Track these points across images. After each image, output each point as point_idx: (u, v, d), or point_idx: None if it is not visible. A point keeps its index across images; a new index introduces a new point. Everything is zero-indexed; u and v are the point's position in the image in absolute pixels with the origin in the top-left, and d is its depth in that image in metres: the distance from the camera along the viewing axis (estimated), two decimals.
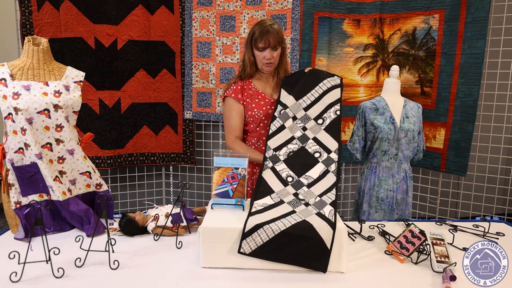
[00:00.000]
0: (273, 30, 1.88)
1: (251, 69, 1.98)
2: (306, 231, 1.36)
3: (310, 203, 1.50)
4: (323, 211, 1.45)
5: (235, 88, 1.98)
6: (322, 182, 1.58)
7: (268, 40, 1.88)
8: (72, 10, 3.02)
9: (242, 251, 1.37)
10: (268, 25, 1.89)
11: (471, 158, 2.99)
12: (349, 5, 3.12)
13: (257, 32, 1.89)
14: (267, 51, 1.91)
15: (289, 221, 1.38)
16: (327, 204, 1.49)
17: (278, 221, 1.39)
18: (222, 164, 1.59)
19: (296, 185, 1.58)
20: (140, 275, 1.35)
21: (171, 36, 3.28)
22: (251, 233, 1.37)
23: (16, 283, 1.28)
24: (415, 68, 3.13)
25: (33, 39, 1.73)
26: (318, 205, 1.49)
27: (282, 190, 1.56)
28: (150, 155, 3.44)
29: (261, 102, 1.97)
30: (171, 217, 1.68)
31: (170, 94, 3.37)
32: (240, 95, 1.96)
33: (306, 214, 1.43)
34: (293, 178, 1.59)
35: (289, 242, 1.35)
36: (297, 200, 1.52)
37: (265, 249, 1.36)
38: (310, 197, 1.52)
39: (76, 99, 1.73)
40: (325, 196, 1.53)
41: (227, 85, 2.04)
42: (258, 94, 1.98)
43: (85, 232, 1.70)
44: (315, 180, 1.58)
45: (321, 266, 1.36)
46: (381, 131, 2.30)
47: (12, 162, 1.65)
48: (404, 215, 2.39)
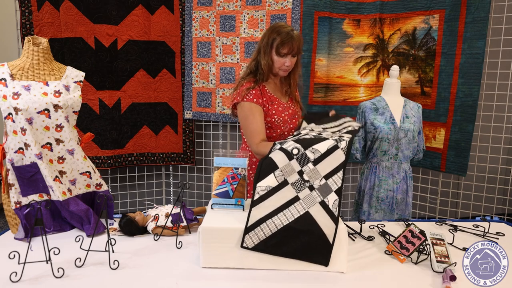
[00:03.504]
0: (297, 36, 1.83)
1: (268, 74, 1.90)
2: (309, 225, 1.37)
3: (314, 186, 1.43)
4: (327, 200, 1.42)
5: (255, 93, 1.87)
6: (329, 158, 1.46)
7: (292, 47, 1.81)
8: (72, 10, 3.02)
9: (245, 246, 1.37)
10: (290, 30, 1.83)
11: (471, 158, 2.99)
12: (349, 5, 3.12)
13: (281, 38, 1.81)
14: (288, 57, 1.84)
15: (292, 214, 1.39)
16: (332, 192, 1.43)
17: (281, 213, 1.39)
18: (222, 164, 1.59)
19: (301, 160, 1.46)
20: (140, 275, 1.35)
21: (171, 36, 3.28)
22: (254, 228, 1.38)
23: (16, 283, 1.28)
24: (415, 68, 3.13)
25: (33, 39, 1.73)
26: (322, 190, 1.43)
27: (286, 165, 1.46)
28: (150, 155, 3.44)
29: (279, 108, 1.91)
30: (171, 217, 1.68)
31: (170, 94, 3.37)
32: (261, 100, 1.87)
33: (309, 203, 1.41)
34: (298, 151, 1.47)
35: (292, 237, 1.37)
36: (301, 182, 1.45)
37: (267, 243, 1.37)
38: (315, 178, 1.45)
39: (76, 99, 1.73)
40: (331, 179, 1.45)
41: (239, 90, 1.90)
42: (274, 100, 1.92)
43: (85, 232, 1.70)
44: (322, 155, 1.46)
45: (323, 260, 1.37)
46: (381, 131, 2.30)
47: (12, 162, 1.66)
48: (404, 215, 2.39)
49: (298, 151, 1.47)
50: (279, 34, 1.81)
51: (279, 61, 1.85)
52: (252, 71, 1.93)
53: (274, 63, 1.87)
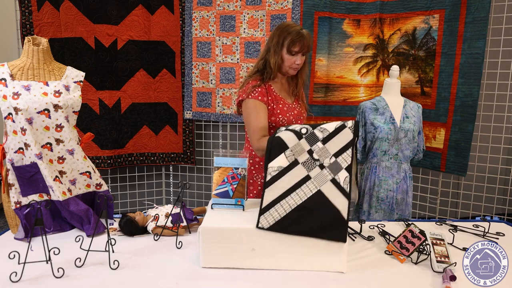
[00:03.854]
0: (307, 34, 1.83)
1: (276, 72, 1.90)
2: (322, 203, 1.39)
3: (325, 164, 1.45)
4: (338, 178, 1.43)
5: (261, 91, 1.87)
6: (338, 137, 1.47)
7: (303, 45, 1.81)
8: (72, 10, 3.02)
9: (260, 226, 1.38)
10: (300, 29, 1.83)
11: (471, 158, 2.99)
12: (349, 5, 3.12)
13: (292, 37, 1.81)
14: (299, 56, 1.84)
15: (305, 193, 1.41)
16: (342, 169, 1.44)
17: (293, 193, 1.41)
18: (222, 164, 1.59)
19: (310, 139, 1.48)
20: (140, 275, 1.35)
21: (171, 36, 3.28)
22: (268, 209, 1.40)
23: (16, 283, 1.28)
24: (415, 68, 3.13)
25: (33, 39, 1.73)
26: (333, 168, 1.44)
27: (296, 145, 1.47)
28: (150, 155, 3.44)
29: (284, 108, 1.90)
30: (171, 217, 1.68)
31: (170, 94, 3.37)
32: (266, 98, 1.87)
33: (321, 182, 1.42)
34: (307, 130, 1.50)
35: (306, 216, 1.39)
36: (311, 161, 1.46)
37: (282, 223, 1.38)
38: (325, 157, 1.46)
39: (76, 99, 1.73)
40: (340, 157, 1.45)
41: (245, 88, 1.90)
42: (279, 99, 1.91)
43: (85, 232, 1.70)
44: (330, 134, 1.48)
45: (341, 236, 1.37)
46: (381, 131, 2.30)
47: (12, 162, 1.66)
48: (404, 215, 2.39)
49: (307, 131, 1.49)
50: (289, 33, 1.81)
51: (289, 59, 1.85)
52: (260, 69, 1.93)
53: (284, 62, 1.87)
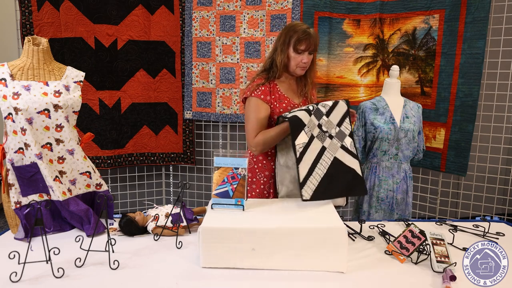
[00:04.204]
0: (313, 33, 1.84)
1: (282, 71, 1.91)
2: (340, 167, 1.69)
3: (332, 134, 1.72)
4: (345, 143, 1.73)
5: (264, 90, 1.88)
6: (336, 109, 1.75)
7: (310, 42, 1.82)
8: (72, 10, 3.02)
9: (304, 198, 1.59)
10: (307, 28, 1.84)
11: (471, 158, 2.98)
12: (349, 5, 3.12)
13: (298, 35, 1.82)
14: (305, 54, 1.85)
15: (326, 162, 1.69)
16: (346, 136, 1.74)
17: (318, 164, 1.67)
18: (222, 164, 1.59)
19: (317, 114, 1.72)
20: (140, 275, 1.35)
21: (171, 36, 3.28)
22: (305, 181, 1.63)
23: (16, 283, 1.28)
24: (415, 68, 3.13)
25: (33, 39, 1.73)
26: (339, 136, 1.73)
27: (309, 121, 1.69)
28: (150, 155, 3.44)
29: (288, 107, 1.90)
30: (171, 217, 1.69)
31: (170, 94, 3.37)
32: (268, 97, 1.88)
33: (334, 150, 1.71)
34: (313, 107, 1.73)
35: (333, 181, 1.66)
36: (322, 133, 1.71)
37: (318, 192, 1.62)
38: (331, 128, 1.73)
39: (76, 99, 1.73)
40: (342, 126, 1.75)
41: (250, 86, 1.92)
42: (284, 98, 1.91)
43: (85, 232, 1.70)
44: (330, 108, 1.75)
45: (362, 191, 1.74)
46: (381, 131, 2.30)
47: (12, 162, 1.66)
48: (404, 215, 2.39)
49: (313, 108, 1.72)
50: (296, 32, 1.83)
51: (296, 58, 1.85)
52: (266, 68, 1.94)
53: (290, 61, 1.87)
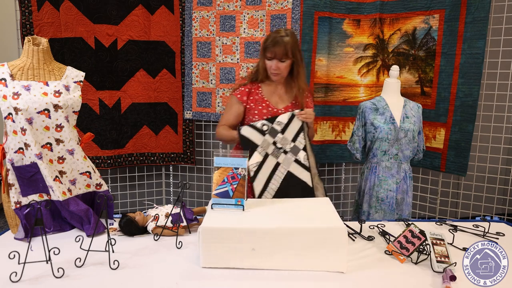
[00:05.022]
0: (282, 42, 1.87)
1: (263, 74, 2.00)
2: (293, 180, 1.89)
3: (287, 150, 1.88)
4: (299, 157, 1.91)
5: (243, 90, 2.03)
6: (291, 126, 1.90)
7: (275, 51, 1.89)
8: (72, 10, 3.02)
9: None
10: (280, 36, 1.89)
11: (471, 158, 2.98)
12: (349, 5, 3.12)
13: (268, 41, 1.90)
14: (274, 61, 1.92)
15: (280, 177, 1.89)
16: (300, 150, 1.91)
17: (272, 179, 1.88)
18: (222, 164, 1.59)
19: (272, 133, 1.90)
20: (140, 275, 1.35)
21: (171, 36, 3.28)
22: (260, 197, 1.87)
23: (16, 283, 1.28)
24: (415, 68, 3.13)
25: (33, 39, 1.73)
26: (293, 151, 1.91)
27: (263, 141, 1.88)
28: (150, 155, 3.44)
29: (263, 110, 1.99)
30: (171, 217, 1.69)
31: (170, 94, 3.36)
32: (245, 97, 2.01)
33: (287, 164, 1.89)
34: (268, 126, 1.89)
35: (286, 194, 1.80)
36: (277, 150, 1.91)
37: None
38: (286, 144, 1.90)
39: (76, 99, 1.73)
40: (297, 141, 1.91)
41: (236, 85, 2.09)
42: (263, 101, 2.01)
43: (85, 232, 1.70)
44: (285, 125, 1.90)
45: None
46: (381, 131, 2.30)
47: (12, 162, 1.66)
48: (404, 215, 2.39)
49: (268, 127, 1.89)
50: (267, 39, 1.93)
51: (268, 64, 1.96)
52: (254, 71, 2.07)
53: (266, 67, 1.98)
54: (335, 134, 3.34)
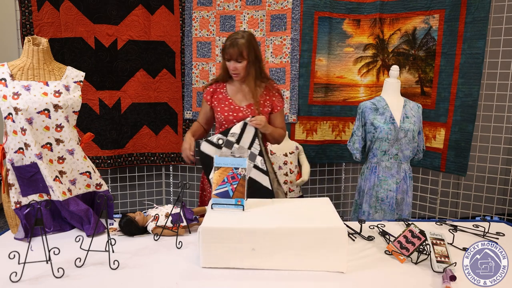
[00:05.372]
0: (237, 44, 1.96)
1: (225, 75, 2.10)
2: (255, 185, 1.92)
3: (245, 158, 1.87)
4: (256, 162, 1.96)
5: (208, 90, 2.16)
6: (245, 134, 1.97)
7: (230, 53, 1.98)
8: (72, 10, 3.02)
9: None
10: (234, 38, 1.97)
11: (471, 158, 2.99)
12: (349, 5, 3.12)
13: (226, 43, 2.00)
14: (232, 62, 2.00)
15: None
16: (257, 156, 1.97)
17: None
18: (222, 164, 1.59)
19: (227, 145, 1.97)
20: (140, 275, 1.35)
21: (171, 36, 3.28)
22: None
23: (16, 283, 1.28)
24: (415, 68, 3.14)
25: (33, 39, 1.73)
26: (251, 157, 1.96)
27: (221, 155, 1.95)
28: (150, 155, 3.44)
29: (225, 108, 2.09)
30: (171, 217, 1.68)
31: (170, 94, 3.36)
32: (209, 97, 2.14)
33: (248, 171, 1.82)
34: (223, 140, 1.97)
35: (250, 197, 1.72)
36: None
37: None
38: (243, 152, 1.95)
39: (76, 99, 1.73)
40: (253, 147, 1.97)
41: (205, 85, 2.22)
42: (226, 100, 2.10)
43: (85, 232, 1.70)
44: (239, 135, 1.97)
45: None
46: (381, 131, 2.30)
47: (12, 162, 1.65)
48: (404, 215, 2.39)
49: (223, 141, 1.97)
50: (226, 40, 2.02)
51: (227, 64, 2.04)
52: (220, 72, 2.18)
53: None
54: (335, 134, 3.35)
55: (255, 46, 2.02)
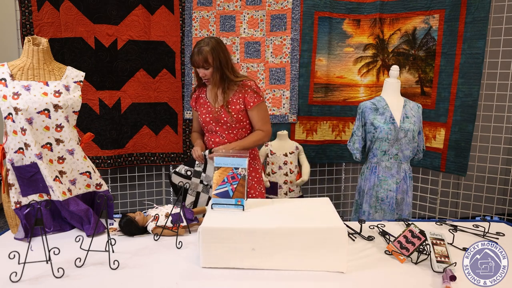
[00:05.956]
0: (201, 52, 2.00)
1: (200, 80, 2.16)
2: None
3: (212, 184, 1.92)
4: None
5: (192, 97, 2.26)
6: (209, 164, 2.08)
7: (196, 60, 2.03)
8: (72, 10, 3.01)
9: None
10: (200, 46, 2.02)
11: (471, 158, 2.99)
12: (349, 5, 3.12)
13: (193, 51, 2.05)
14: (200, 69, 2.05)
15: None
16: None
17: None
18: (222, 164, 1.59)
19: (196, 175, 2.12)
20: (140, 275, 1.35)
21: (171, 36, 3.28)
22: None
23: (16, 283, 1.28)
24: (415, 68, 3.14)
25: (33, 39, 1.73)
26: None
27: (191, 183, 2.11)
28: (150, 155, 3.44)
29: (204, 110, 2.16)
30: (171, 217, 1.69)
31: (170, 94, 3.36)
32: (194, 103, 2.24)
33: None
34: (191, 171, 2.12)
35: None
36: (205, 187, 2.11)
37: None
38: (210, 180, 2.05)
39: (76, 99, 1.73)
40: None
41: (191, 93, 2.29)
42: (205, 103, 2.17)
43: (85, 232, 1.70)
44: (204, 165, 2.11)
45: None
46: (381, 131, 2.30)
47: (12, 162, 1.65)
48: (404, 215, 2.39)
49: (191, 172, 2.12)
50: (193, 48, 2.06)
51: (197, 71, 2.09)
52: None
53: None
54: (335, 134, 3.35)
55: (220, 51, 2.05)
